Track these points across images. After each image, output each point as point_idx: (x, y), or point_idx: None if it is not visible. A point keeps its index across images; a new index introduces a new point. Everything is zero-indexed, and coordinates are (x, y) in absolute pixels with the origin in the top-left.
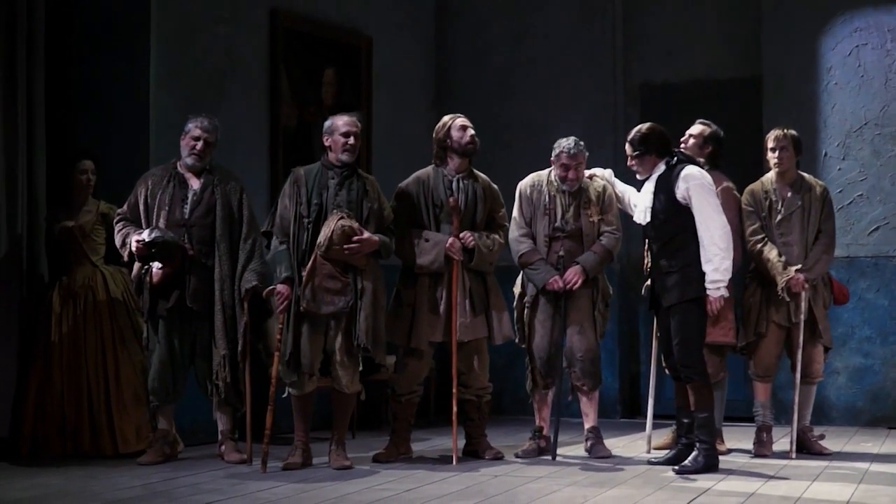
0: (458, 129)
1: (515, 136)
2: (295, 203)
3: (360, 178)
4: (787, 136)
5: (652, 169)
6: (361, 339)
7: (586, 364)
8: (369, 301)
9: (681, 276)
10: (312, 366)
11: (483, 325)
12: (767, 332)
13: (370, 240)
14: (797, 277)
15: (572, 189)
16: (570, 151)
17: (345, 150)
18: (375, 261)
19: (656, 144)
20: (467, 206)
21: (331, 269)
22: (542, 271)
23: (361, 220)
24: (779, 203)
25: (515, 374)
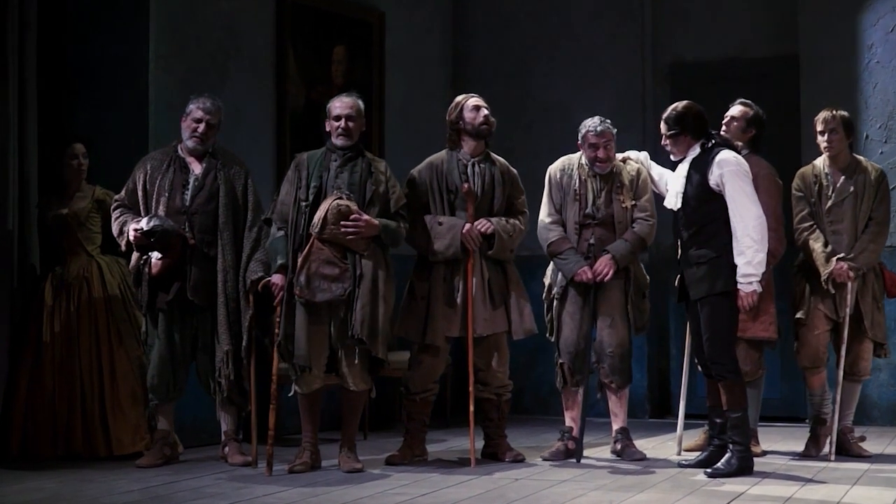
0: (471, 109)
1: (536, 118)
2: (295, 188)
3: (366, 159)
4: (837, 118)
5: (686, 150)
6: (356, 329)
7: (616, 360)
8: (367, 289)
9: (710, 267)
10: (310, 360)
11: (503, 319)
12: (812, 320)
13: (370, 222)
14: (841, 266)
15: (604, 171)
16: (596, 129)
17: (339, 135)
18: (380, 248)
19: (692, 124)
20: (483, 192)
21: (329, 254)
22: (572, 261)
23: (363, 202)
24: (830, 188)
25: (537, 371)
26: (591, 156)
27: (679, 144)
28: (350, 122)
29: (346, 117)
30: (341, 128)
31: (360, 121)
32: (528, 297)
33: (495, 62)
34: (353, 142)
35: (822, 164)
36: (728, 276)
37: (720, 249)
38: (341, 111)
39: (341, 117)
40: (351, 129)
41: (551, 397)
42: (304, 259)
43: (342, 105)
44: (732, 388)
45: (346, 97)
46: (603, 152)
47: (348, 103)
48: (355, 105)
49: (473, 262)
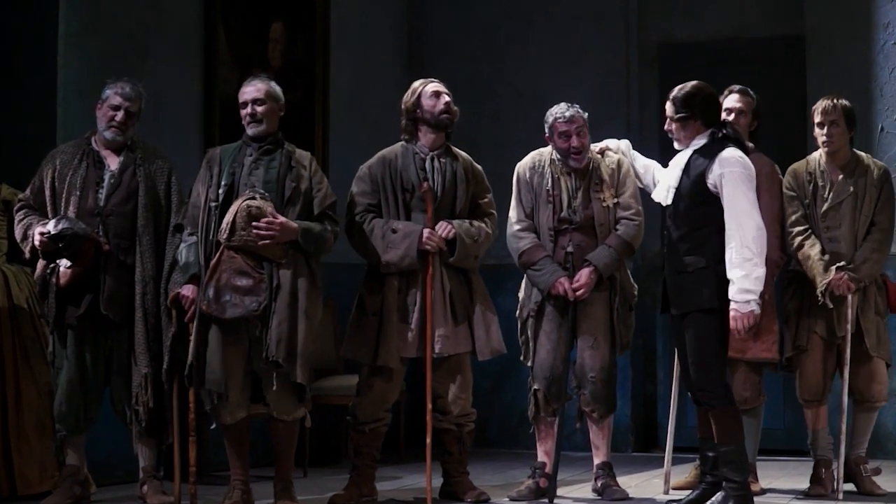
0: (429, 95)
1: (506, 106)
2: (206, 187)
3: (286, 151)
4: (839, 108)
5: (692, 139)
6: (271, 350)
7: (598, 385)
8: (285, 303)
9: (696, 278)
10: (226, 385)
11: (466, 337)
12: (809, 346)
13: (286, 225)
14: (840, 277)
15: (581, 164)
16: (564, 115)
17: (248, 123)
18: (302, 255)
19: (703, 108)
20: (444, 191)
21: (241, 263)
22: (547, 272)
23: (282, 201)
24: (826, 188)
25: (505, 398)
26: (564, 146)
27: (686, 130)
28: (258, 107)
29: (254, 101)
30: (248, 114)
31: (274, 105)
32: (496, 311)
33: (458, 41)
34: (268, 130)
35: (818, 161)
36: (717, 290)
37: (710, 259)
38: (248, 96)
39: (248, 103)
40: (260, 115)
41: (521, 428)
42: (212, 269)
43: (249, 89)
44: (723, 419)
45: (255, 80)
46: (577, 140)
47: (256, 86)
48: (265, 88)
49: (433, 272)
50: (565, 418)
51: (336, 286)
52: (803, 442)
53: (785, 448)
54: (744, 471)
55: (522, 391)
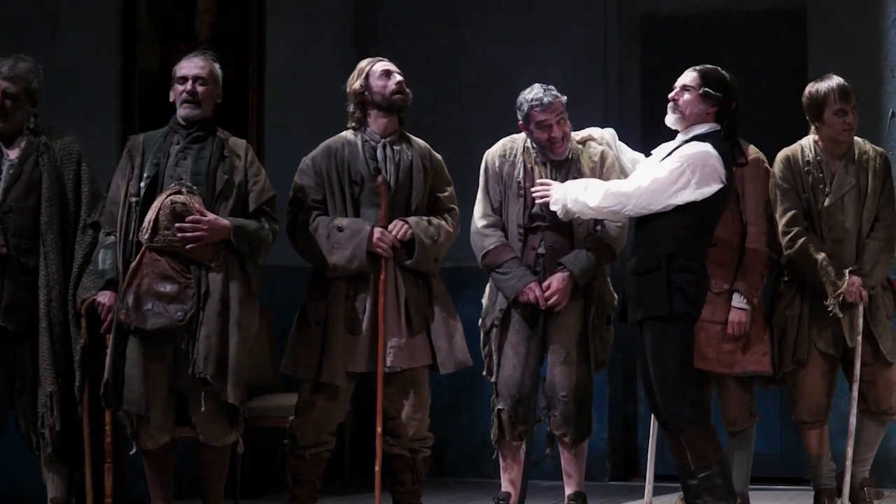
0: (378, 75)
1: (467, 86)
2: (126, 180)
3: (218, 139)
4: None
5: (692, 124)
6: (199, 366)
7: (571, 406)
8: (215, 311)
9: (648, 282)
10: (147, 406)
11: (424, 349)
12: (810, 360)
13: (215, 223)
14: (854, 282)
15: (562, 156)
16: (542, 102)
17: (184, 102)
18: (235, 257)
19: (726, 102)
20: (398, 183)
21: (165, 266)
22: (515, 276)
23: (212, 195)
24: (826, 180)
25: (464, 419)
26: (543, 138)
27: (699, 108)
28: (200, 86)
29: (195, 78)
30: (187, 92)
31: (214, 88)
32: (459, 319)
33: (412, 12)
34: (204, 115)
35: (812, 148)
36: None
37: (663, 260)
38: (189, 71)
39: (188, 78)
40: (200, 95)
41: (483, 453)
42: (131, 274)
43: (190, 64)
44: (696, 442)
45: (198, 56)
46: (558, 130)
47: (199, 63)
48: (209, 67)
49: (386, 276)
50: (533, 443)
51: (273, 292)
52: (802, 468)
53: (781, 476)
54: (730, 495)
55: (484, 411)
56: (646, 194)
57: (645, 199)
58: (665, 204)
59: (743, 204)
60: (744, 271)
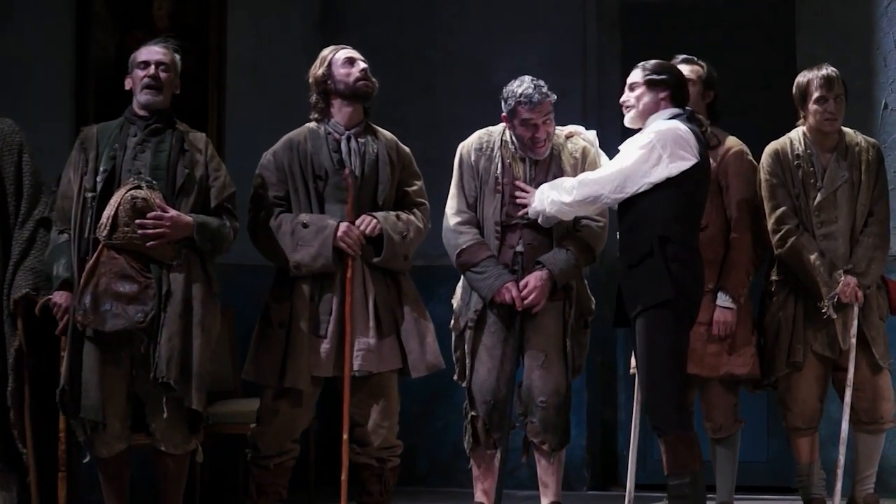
0: (342, 63)
1: (439, 76)
2: (80, 174)
3: (178, 132)
4: (840, 82)
5: (649, 115)
6: (161, 370)
7: (550, 412)
8: (177, 313)
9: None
10: (104, 412)
11: (393, 353)
12: (805, 364)
13: (178, 220)
14: (849, 282)
15: (542, 155)
16: (531, 100)
17: (145, 88)
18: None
19: (678, 84)
20: (364, 176)
21: (124, 265)
22: (491, 275)
23: (173, 191)
24: (817, 174)
25: (436, 426)
26: (527, 136)
27: (649, 98)
28: (163, 72)
29: (157, 63)
30: (150, 76)
31: (175, 77)
32: (431, 320)
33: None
34: (164, 104)
35: (801, 141)
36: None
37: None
38: (151, 56)
39: (150, 63)
40: (162, 81)
41: (456, 462)
42: (88, 273)
43: (153, 49)
44: (677, 446)
45: (158, 44)
46: (543, 131)
47: (160, 50)
48: (170, 55)
49: (353, 275)
50: (508, 451)
51: (234, 292)
52: (790, 477)
53: (768, 485)
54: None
55: (456, 418)
56: (619, 177)
57: (619, 181)
58: (640, 183)
59: (727, 198)
60: (729, 269)
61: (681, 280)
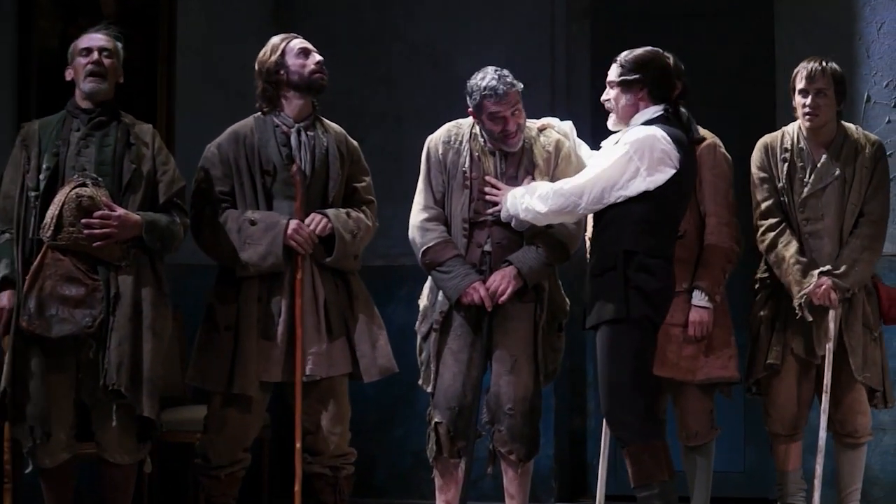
0: (296, 53)
1: (399, 67)
2: (22, 171)
3: (123, 125)
4: (828, 73)
5: (633, 113)
6: (111, 377)
7: (518, 420)
8: (127, 316)
9: (605, 284)
10: (49, 421)
11: (344, 356)
12: (784, 366)
13: (126, 218)
14: (823, 283)
15: (515, 147)
16: (497, 93)
17: (89, 75)
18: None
19: (655, 77)
20: (314, 172)
21: (70, 267)
22: (458, 275)
23: (119, 188)
24: (806, 170)
25: (395, 434)
26: (497, 130)
27: (629, 98)
28: (106, 58)
29: (101, 50)
30: (93, 63)
31: (118, 65)
32: (383, 322)
33: None
34: (107, 94)
35: (796, 135)
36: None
37: (619, 259)
38: (94, 42)
39: (92, 50)
40: (106, 68)
41: (416, 472)
42: (32, 276)
43: (93, 37)
44: (640, 456)
45: (99, 32)
46: (513, 122)
47: (101, 37)
48: (112, 42)
49: (303, 275)
50: (473, 461)
51: (183, 294)
52: (768, 487)
53: (745, 496)
54: None
55: (417, 425)
56: (596, 188)
57: (596, 193)
58: (617, 196)
59: (700, 194)
60: (704, 267)
61: (644, 288)
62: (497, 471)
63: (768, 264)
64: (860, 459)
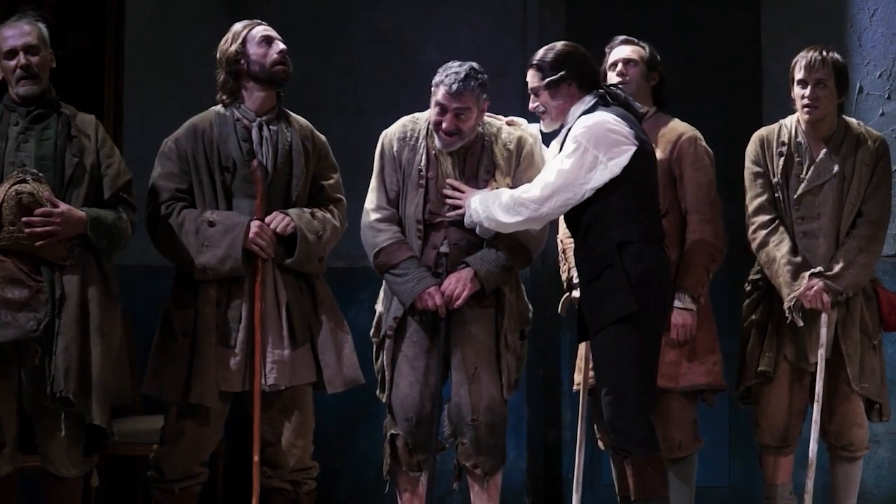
0: (258, 41)
1: (361, 55)
2: None
3: (63, 116)
4: (828, 64)
5: (567, 110)
6: (58, 383)
7: (483, 431)
8: (73, 319)
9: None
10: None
11: (308, 364)
12: (776, 373)
13: (69, 215)
14: (813, 286)
15: (448, 148)
16: (450, 87)
17: (20, 80)
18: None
19: (579, 68)
20: (277, 169)
21: (12, 268)
22: (412, 278)
23: (62, 183)
24: (804, 165)
25: (358, 446)
26: (435, 121)
27: (558, 97)
28: (32, 56)
29: (26, 49)
30: (21, 67)
31: (47, 54)
32: (349, 330)
33: None
34: (43, 87)
35: (794, 128)
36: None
37: (614, 254)
38: (16, 42)
39: (17, 51)
40: (35, 69)
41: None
42: None
43: (14, 33)
44: (644, 469)
45: (19, 21)
46: (450, 122)
47: (22, 29)
48: (35, 31)
49: (263, 279)
50: (437, 476)
51: (133, 296)
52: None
53: None
54: None
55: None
56: (558, 191)
57: (559, 196)
58: (583, 191)
59: (681, 190)
60: (686, 266)
61: (646, 284)
62: (464, 486)
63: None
64: (856, 474)
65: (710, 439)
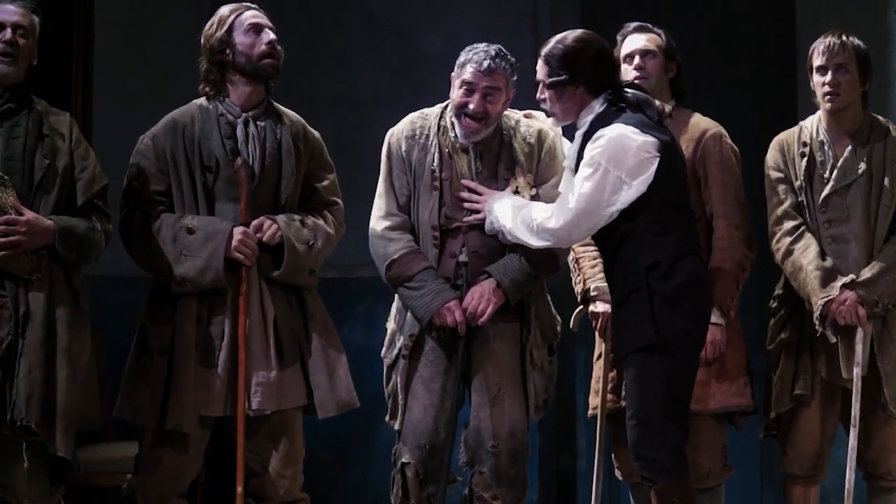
0: (245, 30)
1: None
2: None
3: (35, 113)
4: (849, 49)
5: (575, 113)
6: (19, 410)
7: (504, 459)
8: (38, 339)
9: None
10: None
11: (298, 386)
12: (813, 397)
13: (36, 224)
14: (846, 297)
15: (471, 138)
16: (481, 63)
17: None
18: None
19: (590, 69)
20: (265, 169)
21: None
22: (429, 292)
23: (30, 186)
24: (828, 165)
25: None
26: (461, 103)
27: (564, 101)
28: (20, 37)
29: (14, 26)
30: (4, 42)
31: (32, 44)
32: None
33: None
34: (17, 77)
35: (815, 127)
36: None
37: (641, 278)
38: (6, 17)
39: (5, 26)
40: (20, 48)
41: None
42: None
43: (8, 10)
44: (670, 498)
45: (13, 4)
46: (478, 104)
47: (18, 11)
48: (28, 17)
49: (248, 292)
50: None
51: (104, 311)
52: None
53: None
54: None
55: (378, 466)
56: (582, 218)
57: (584, 222)
58: (609, 214)
59: (706, 192)
60: (714, 277)
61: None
62: None
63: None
64: None
65: (739, 467)
